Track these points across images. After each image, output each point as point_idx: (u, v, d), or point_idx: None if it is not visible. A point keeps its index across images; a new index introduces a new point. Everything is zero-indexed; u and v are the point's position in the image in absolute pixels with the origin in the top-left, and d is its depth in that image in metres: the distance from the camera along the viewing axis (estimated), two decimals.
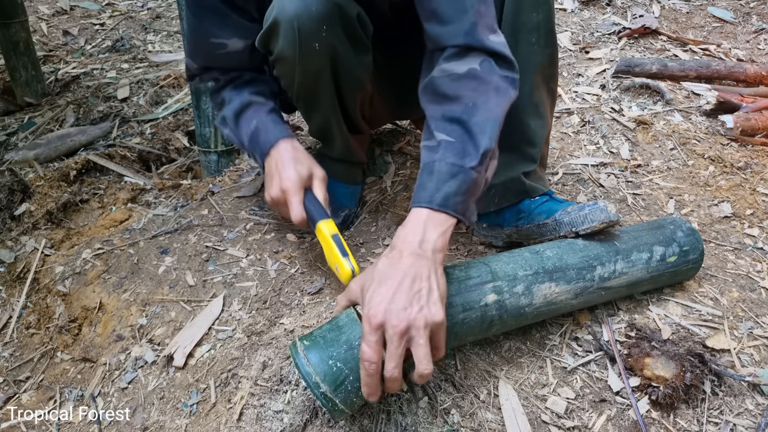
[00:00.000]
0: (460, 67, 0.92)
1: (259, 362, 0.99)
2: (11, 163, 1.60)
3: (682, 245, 1.09)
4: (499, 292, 0.91)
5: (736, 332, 1.09)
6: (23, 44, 1.89)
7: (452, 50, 0.94)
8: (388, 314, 0.76)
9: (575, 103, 1.91)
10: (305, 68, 1.06)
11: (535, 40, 1.04)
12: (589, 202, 1.06)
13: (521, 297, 0.93)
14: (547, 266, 0.96)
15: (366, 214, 1.39)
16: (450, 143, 0.88)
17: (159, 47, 2.35)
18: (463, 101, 0.90)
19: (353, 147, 1.31)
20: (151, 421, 0.98)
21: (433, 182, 0.87)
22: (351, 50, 1.07)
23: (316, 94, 1.13)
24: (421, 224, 0.84)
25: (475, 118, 0.89)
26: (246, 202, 1.43)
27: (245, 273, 1.21)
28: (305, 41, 1.01)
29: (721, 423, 0.94)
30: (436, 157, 0.88)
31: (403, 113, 1.53)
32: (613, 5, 2.64)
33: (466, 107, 0.90)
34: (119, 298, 1.20)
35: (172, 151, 1.70)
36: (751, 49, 2.35)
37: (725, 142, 1.70)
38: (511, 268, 0.94)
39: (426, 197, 0.86)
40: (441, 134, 0.90)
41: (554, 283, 0.96)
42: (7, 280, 1.33)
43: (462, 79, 0.92)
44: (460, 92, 0.91)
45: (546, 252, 0.99)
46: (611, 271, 1.01)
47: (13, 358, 1.19)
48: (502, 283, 0.92)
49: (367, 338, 0.75)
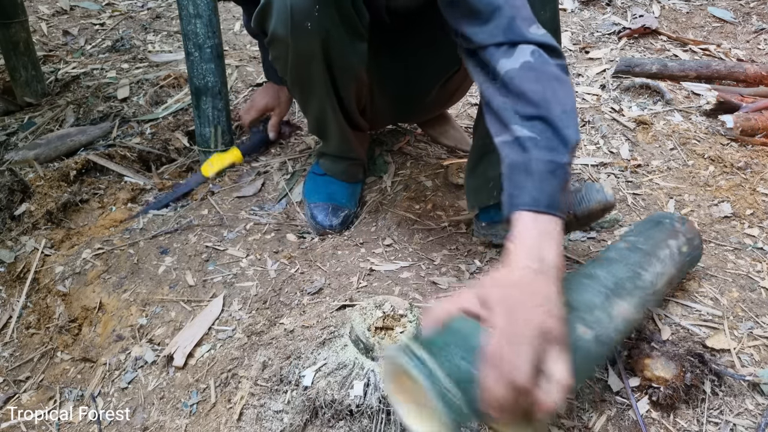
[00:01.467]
0: (512, 62, 0.88)
1: (259, 362, 0.99)
2: (11, 163, 1.60)
3: (686, 234, 1.09)
4: (589, 326, 0.83)
5: (736, 332, 1.09)
6: (23, 44, 1.89)
7: (494, 48, 0.90)
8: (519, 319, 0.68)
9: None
10: (298, 49, 1.06)
11: None
12: (587, 183, 1.04)
13: (606, 322, 0.86)
14: (609, 285, 0.91)
15: (366, 214, 1.39)
16: (536, 140, 0.82)
17: (159, 47, 2.35)
18: (533, 96, 0.85)
19: (353, 142, 1.31)
20: (151, 421, 0.98)
21: (533, 182, 0.80)
22: (344, 35, 1.06)
23: (309, 78, 1.12)
24: (535, 234, 0.77)
25: (554, 111, 0.83)
26: (246, 202, 1.43)
27: (245, 273, 1.21)
28: (297, 19, 1.00)
29: (721, 423, 0.94)
30: (531, 155, 0.81)
31: (405, 115, 1.53)
32: (613, 5, 2.64)
33: (540, 101, 0.84)
34: (119, 298, 1.20)
35: (172, 151, 1.70)
36: (751, 49, 2.35)
37: (725, 142, 1.70)
38: (586, 298, 0.87)
39: (529, 199, 0.79)
40: (521, 130, 0.84)
41: (623, 301, 0.91)
42: (7, 280, 1.33)
43: (521, 73, 0.87)
44: (524, 86, 0.86)
45: (596, 271, 0.94)
46: (655, 274, 0.99)
47: (13, 358, 1.19)
48: (586, 315, 0.84)
49: (498, 333, 0.68)
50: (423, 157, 1.60)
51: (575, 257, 1.24)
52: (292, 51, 1.07)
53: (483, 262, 1.25)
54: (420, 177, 1.51)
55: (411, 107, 1.44)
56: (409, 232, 1.33)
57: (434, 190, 1.46)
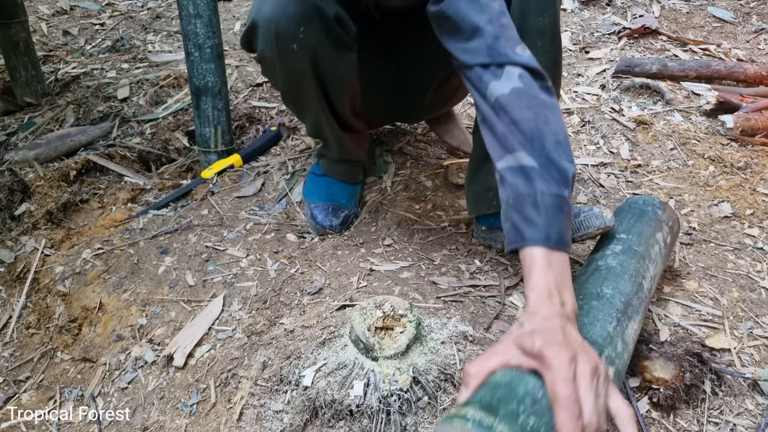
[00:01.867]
0: (502, 87, 0.88)
1: (259, 362, 0.99)
2: (11, 163, 1.60)
3: (668, 223, 1.10)
4: (612, 362, 0.82)
5: (736, 332, 1.09)
6: (23, 44, 1.89)
7: (481, 69, 0.90)
8: (579, 362, 0.67)
9: (575, 103, 1.91)
10: (287, 69, 1.06)
11: (540, 44, 1.02)
12: (585, 208, 1.05)
13: (624, 353, 0.87)
14: (619, 307, 0.90)
15: (366, 214, 1.39)
16: (540, 172, 0.83)
17: (159, 47, 2.35)
18: (527, 125, 0.85)
19: (349, 146, 1.31)
20: (151, 421, 0.98)
21: (543, 217, 0.80)
22: (332, 50, 1.06)
23: (301, 93, 1.13)
24: (551, 277, 0.77)
25: (549, 143, 0.84)
26: (246, 202, 1.43)
27: (245, 273, 1.21)
28: (283, 43, 1.01)
29: (721, 423, 0.94)
30: (537, 188, 0.82)
31: (401, 115, 1.53)
32: (613, 5, 2.64)
33: (533, 131, 0.85)
34: (119, 298, 1.20)
35: (172, 151, 1.70)
36: (751, 49, 2.35)
37: (725, 142, 1.70)
38: (603, 329, 0.85)
39: (541, 235, 0.79)
40: (525, 157, 0.84)
41: (632, 322, 0.91)
42: (7, 280, 1.33)
43: (512, 99, 0.87)
44: (517, 114, 0.86)
45: (603, 290, 0.93)
46: (650, 278, 1.00)
47: (13, 358, 1.19)
48: (609, 350, 0.83)
49: (562, 376, 0.65)
50: (423, 157, 1.60)
51: (575, 257, 1.24)
52: (281, 70, 1.08)
53: (483, 262, 1.25)
54: (420, 177, 1.51)
55: (406, 107, 1.44)
56: (409, 232, 1.33)
57: (434, 190, 1.46)
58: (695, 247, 1.32)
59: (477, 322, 1.07)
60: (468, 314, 1.09)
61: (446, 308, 1.10)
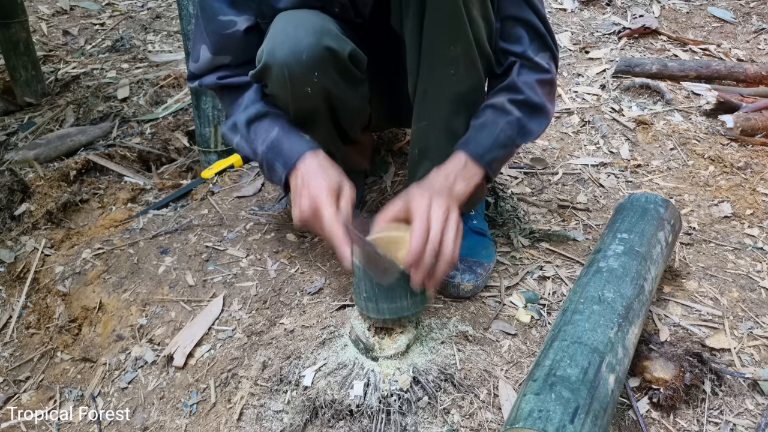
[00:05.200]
0: (527, 77, 1.04)
1: (259, 362, 0.99)
2: (11, 163, 1.60)
3: (669, 221, 1.09)
4: (613, 370, 0.84)
5: (736, 332, 1.09)
6: (23, 44, 1.89)
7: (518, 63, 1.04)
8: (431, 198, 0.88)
9: (575, 103, 1.91)
10: (300, 106, 1.05)
11: (453, 71, 1.00)
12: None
13: (625, 359, 0.87)
14: (620, 311, 0.91)
15: (366, 214, 1.39)
16: (514, 120, 1.02)
17: (159, 47, 2.35)
18: (534, 98, 1.03)
19: (353, 158, 1.31)
20: (151, 421, 0.98)
21: (489, 142, 1.00)
22: (346, 87, 1.06)
23: (312, 121, 1.11)
24: (460, 170, 0.97)
25: (535, 113, 1.04)
26: (246, 202, 1.43)
27: (245, 273, 1.21)
28: (296, 87, 1.00)
29: (721, 423, 0.94)
30: (502, 124, 1.01)
31: (403, 121, 1.52)
32: (613, 5, 2.64)
33: (527, 98, 1.02)
34: (119, 298, 1.20)
35: (172, 151, 1.70)
36: (751, 49, 2.35)
37: (725, 142, 1.70)
38: (601, 334, 0.86)
39: (477, 150, 0.99)
40: (509, 105, 1.03)
41: (633, 326, 0.91)
42: (7, 280, 1.33)
43: (533, 83, 1.04)
44: (529, 94, 1.03)
45: (606, 294, 0.93)
46: (651, 280, 1.00)
47: (13, 358, 1.19)
48: (611, 357, 0.85)
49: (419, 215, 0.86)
50: None
51: (575, 257, 1.24)
52: (293, 106, 1.05)
53: None
54: None
55: (409, 114, 1.44)
56: None
57: None
58: (695, 247, 1.32)
59: (477, 322, 1.07)
60: (468, 314, 1.09)
61: (446, 308, 1.10)
